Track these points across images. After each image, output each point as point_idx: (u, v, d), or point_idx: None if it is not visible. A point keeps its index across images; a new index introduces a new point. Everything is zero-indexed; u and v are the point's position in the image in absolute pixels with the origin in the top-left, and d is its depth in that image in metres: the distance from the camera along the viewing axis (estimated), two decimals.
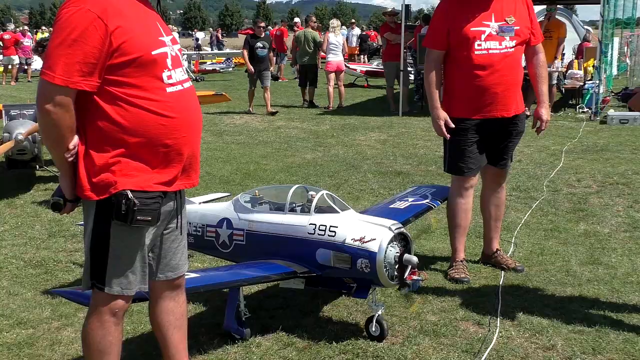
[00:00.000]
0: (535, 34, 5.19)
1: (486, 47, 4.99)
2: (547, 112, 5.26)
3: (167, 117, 2.95)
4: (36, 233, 6.50)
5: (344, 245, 4.05)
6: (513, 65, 5.07)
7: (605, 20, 14.25)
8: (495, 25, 5.00)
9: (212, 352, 4.05)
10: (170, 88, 2.98)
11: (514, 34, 5.02)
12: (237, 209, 4.58)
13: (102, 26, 2.76)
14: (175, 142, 2.98)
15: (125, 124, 2.88)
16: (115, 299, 3.06)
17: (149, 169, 2.95)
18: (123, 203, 2.88)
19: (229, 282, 4.11)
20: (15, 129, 7.55)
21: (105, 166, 2.89)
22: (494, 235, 5.55)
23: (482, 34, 4.98)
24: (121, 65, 2.83)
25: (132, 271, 3.04)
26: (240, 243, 4.52)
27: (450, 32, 5.06)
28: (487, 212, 5.55)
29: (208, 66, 29.44)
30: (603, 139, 11.45)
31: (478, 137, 5.16)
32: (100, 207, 2.94)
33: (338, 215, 4.21)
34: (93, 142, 2.89)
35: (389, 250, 3.96)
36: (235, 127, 13.74)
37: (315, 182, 8.55)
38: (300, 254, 4.21)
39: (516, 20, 5.03)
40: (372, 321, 4.16)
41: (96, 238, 2.99)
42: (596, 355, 4.00)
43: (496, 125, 5.14)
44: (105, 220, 2.95)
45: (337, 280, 4.21)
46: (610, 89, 16.59)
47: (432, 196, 5.43)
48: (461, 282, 5.13)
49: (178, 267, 3.30)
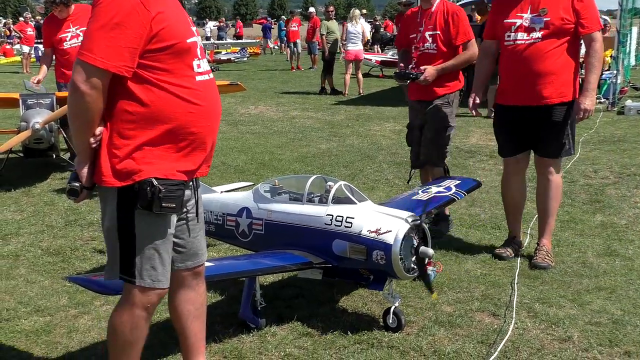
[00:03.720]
0: (585, 23, 5.15)
1: (513, 38, 5.24)
2: (589, 102, 5.19)
3: (195, 104, 2.96)
4: (53, 221, 6.55)
5: (360, 237, 4.05)
6: (541, 55, 5.14)
7: (624, 10, 14.10)
8: (529, 16, 5.20)
9: (227, 341, 4.06)
10: (199, 77, 3.01)
11: (543, 25, 5.13)
12: (257, 198, 4.61)
13: (145, 12, 2.79)
14: (200, 131, 2.99)
15: (155, 110, 2.88)
16: (148, 293, 3.03)
17: (173, 156, 2.95)
18: (148, 190, 2.86)
19: (245, 271, 4.13)
20: (32, 118, 7.58)
21: (129, 152, 2.88)
22: (540, 227, 5.59)
23: (513, 25, 5.25)
24: (157, 51, 2.85)
25: (161, 261, 3.02)
26: (259, 232, 4.54)
27: (496, 23, 5.45)
28: (536, 204, 5.65)
29: (223, 56, 29.46)
30: (620, 129, 11.35)
31: (514, 122, 5.41)
32: (123, 196, 2.92)
33: (355, 207, 4.21)
34: (119, 127, 2.88)
35: (405, 243, 3.96)
36: (250, 117, 13.74)
37: (330, 172, 8.55)
38: (317, 245, 4.21)
39: (549, 12, 5.12)
40: (389, 313, 4.16)
41: (122, 228, 2.96)
42: (613, 347, 3.98)
43: (530, 113, 5.30)
44: (128, 209, 2.92)
45: (353, 271, 4.21)
46: (628, 80, 16.42)
47: (456, 188, 5.40)
48: (500, 257, 5.44)
49: (197, 255, 3.30)
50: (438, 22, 5.92)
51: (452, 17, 5.90)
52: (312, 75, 22.36)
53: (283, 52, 33.73)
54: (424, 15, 6.01)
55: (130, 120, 2.87)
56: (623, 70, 15.25)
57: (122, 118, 2.87)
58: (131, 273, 2.99)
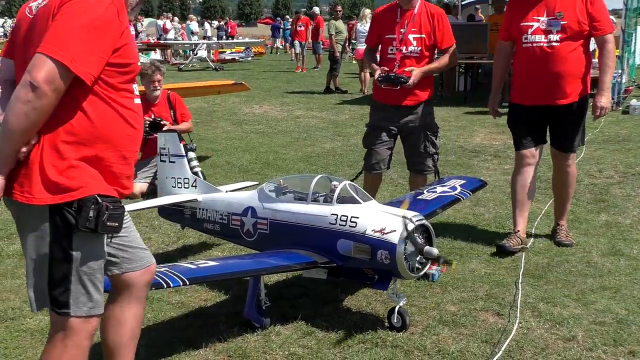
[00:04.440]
0: (598, 26, 5.36)
1: (531, 40, 5.40)
2: (605, 100, 5.45)
3: (133, 128, 2.81)
4: None
5: (365, 236, 4.04)
6: (558, 58, 5.33)
7: (629, 9, 14.06)
8: (545, 19, 5.36)
9: (231, 341, 4.07)
10: (136, 99, 2.87)
11: (560, 28, 5.30)
12: (262, 198, 4.62)
13: (119, 23, 2.64)
14: (131, 156, 2.83)
15: (98, 126, 2.67)
16: (90, 320, 2.77)
17: (108, 175, 2.73)
18: (93, 208, 2.61)
19: (250, 270, 4.13)
20: None
21: (66, 168, 2.61)
22: (557, 212, 5.96)
23: (529, 28, 5.40)
24: (115, 66, 2.68)
25: (96, 286, 2.76)
26: (264, 232, 4.54)
27: (511, 25, 5.58)
28: (553, 191, 6.08)
29: (227, 55, 29.48)
30: (625, 129, 11.32)
31: (530, 120, 5.59)
32: (56, 216, 2.63)
33: (359, 206, 4.20)
34: (56, 140, 2.60)
35: (409, 242, 3.95)
36: (255, 116, 13.75)
37: (335, 171, 8.55)
38: (322, 244, 4.22)
39: (565, 15, 5.30)
40: (394, 312, 4.16)
41: (55, 253, 2.66)
42: (617, 347, 3.97)
43: (548, 112, 5.52)
44: (66, 231, 2.64)
45: (358, 270, 4.21)
46: (633, 79, 16.38)
47: (461, 187, 5.40)
48: (504, 249, 5.46)
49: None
50: (423, 25, 5.67)
51: (437, 21, 5.70)
52: (316, 75, 22.36)
53: (288, 52, 33.72)
54: (405, 16, 5.70)
55: (71, 133, 2.62)
56: (628, 70, 15.21)
57: (62, 129, 2.61)
58: (63, 303, 2.71)
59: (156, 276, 3.48)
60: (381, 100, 5.85)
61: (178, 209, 5.25)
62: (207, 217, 4.99)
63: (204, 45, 28.40)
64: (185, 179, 5.27)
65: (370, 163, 5.89)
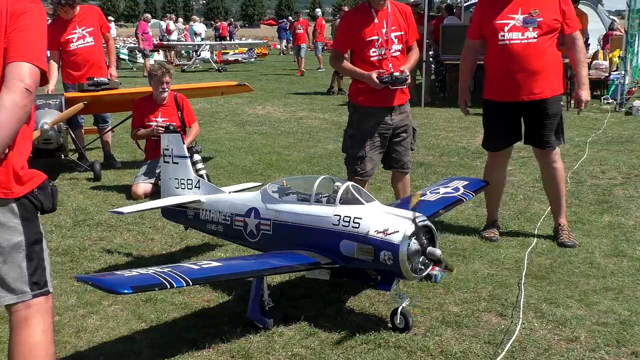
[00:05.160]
0: (569, 23, 5.61)
1: (508, 37, 5.53)
2: (586, 93, 5.68)
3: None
4: (61, 221, 6.57)
5: (368, 237, 4.04)
6: (536, 53, 5.51)
7: (632, 10, 14.06)
8: (520, 17, 5.52)
9: (234, 341, 4.07)
10: None
11: (537, 25, 5.49)
12: (265, 198, 4.61)
13: None
14: None
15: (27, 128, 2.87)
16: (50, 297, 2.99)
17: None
18: (49, 189, 2.89)
19: (253, 271, 4.13)
20: (41, 118, 7.62)
21: (24, 160, 2.85)
22: (554, 210, 6.00)
23: (505, 26, 5.54)
24: None
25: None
26: (267, 233, 4.54)
27: (483, 23, 5.74)
28: (545, 189, 6.15)
29: (230, 57, 29.52)
30: (628, 130, 11.32)
31: (506, 118, 5.76)
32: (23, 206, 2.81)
33: (362, 207, 4.20)
34: (18, 136, 2.75)
35: (412, 243, 3.95)
36: (258, 117, 13.76)
37: (337, 172, 8.55)
38: (325, 245, 4.21)
39: (540, 12, 5.50)
40: (397, 313, 4.15)
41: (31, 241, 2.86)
42: (620, 348, 3.98)
43: (526, 109, 5.65)
44: (33, 217, 2.87)
45: (361, 271, 4.21)
46: (636, 80, 16.36)
47: (464, 188, 5.38)
48: (489, 240, 5.80)
49: None
50: (399, 22, 5.59)
51: (406, 16, 5.66)
52: (319, 76, 22.38)
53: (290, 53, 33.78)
54: (381, 16, 5.52)
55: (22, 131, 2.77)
56: (631, 71, 15.21)
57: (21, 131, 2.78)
58: (44, 283, 2.93)
59: (160, 277, 3.53)
60: (371, 105, 5.58)
61: (181, 210, 5.24)
62: (211, 218, 4.99)
63: (207, 46, 28.43)
64: (189, 180, 5.26)
65: (366, 170, 5.64)
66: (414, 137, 5.89)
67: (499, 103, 5.74)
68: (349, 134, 5.80)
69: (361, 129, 5.66)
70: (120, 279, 3.58)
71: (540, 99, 5.58)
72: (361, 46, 5.56)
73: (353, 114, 5.77)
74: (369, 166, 5.68)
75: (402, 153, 5.82)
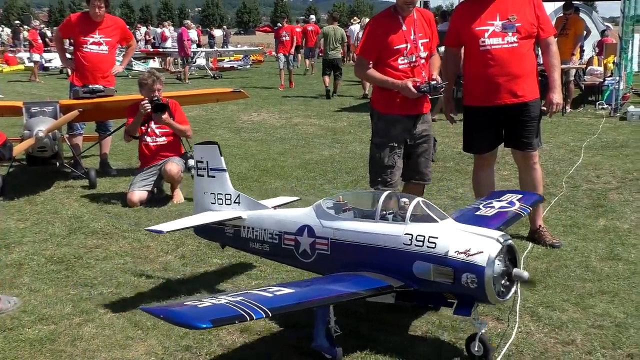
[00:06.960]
0: (545, 28, 5.72)
1: (489, 43, 5.60)
2: (558, 97, 5.78)
3: None
4: (56, 230, 6.56)
5: (447, 258, 3.68)
6: (517, 57, 5.61)
7: (626, 17, 14.13)
8: (499, 23, 5.60)
9: (231, 349, 4.05)
10: None
11: (515, 30, 5.57)
12: (320, 215, 4.26)
13: None
14: None
15: None
16: None
17: None
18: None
19: (335, 297, 3.67)
20: (35, 125, 7.61)
21: None
22: (533, 213, 5.82)
23: (485, 32, 5.61)
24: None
25: None
26: (323, 252, 4.20)
27: (460, 31, 5.79)
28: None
29: (226, 63, 29.54)
30: (623, 135, 11.36)
31: (489, 122, 5.80)
32: None
33: (437, 225, 3.86)
34: None
35: (497, 265, 3.63)
36: (253, 124, 13.76)
37: (333, 178, 8.57)
38: (394, 266, 3.87)
39: (518, 18, 5.57)
40: (475, 339, 3.86)
41: None
42: (616, 350, 3.98)
43: (508, 112, 5.70)
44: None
45: (435, 294, 3.89)
46: (630, 86, 16.44)
47: (519, 202, 4.87)
48: None
49: None
50: (424, 29, 5.47)
51: (430, 22, 5.56)
52: (314, 82, 22.38)
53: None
54: (408, 22, 5.38)
55: None
56: (625, 77, 15.29)
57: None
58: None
59: (236, 307, 3.23)
60: (397, 113, 5.44)
61: (219, 228, 4.86)
62: (254, 236, 4.62)
63: (202, 53, 28.44)
64: (227, 195, 4.90)
65: (394, 180, 5.48)
66: (434, 147, 5.88)
67: (481, 108, 5.78)
68: (375, 143, 5.61)
69: (388, 136, 5.49)
70: (195, 311, 3.20)
71: (523, 102, 5.67)
72: (388, 54, 5.39)
73: (378, 122, 5.60)
74: (397, 175, 5.53)
75: (424, 164, 5.64)
